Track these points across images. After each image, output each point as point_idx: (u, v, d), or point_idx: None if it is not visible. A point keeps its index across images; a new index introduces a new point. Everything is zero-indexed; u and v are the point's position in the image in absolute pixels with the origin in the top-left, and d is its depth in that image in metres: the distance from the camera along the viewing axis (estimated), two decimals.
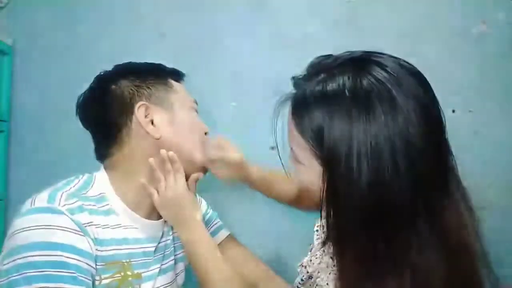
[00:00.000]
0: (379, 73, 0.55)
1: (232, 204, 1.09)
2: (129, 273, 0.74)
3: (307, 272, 0.66)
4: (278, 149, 0.65)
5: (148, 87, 0.81)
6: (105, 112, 0.80)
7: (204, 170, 0.86)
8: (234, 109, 1.09)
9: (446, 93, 1.07)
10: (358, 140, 0.52)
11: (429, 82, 0.58)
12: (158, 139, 0.79)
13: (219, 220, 0.98)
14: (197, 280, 0.79)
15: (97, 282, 0.69)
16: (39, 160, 1.09)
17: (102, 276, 0.70)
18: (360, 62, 0.57)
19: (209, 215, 0.97)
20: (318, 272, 0.63)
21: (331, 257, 0.61)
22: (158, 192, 0.79)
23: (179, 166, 0.80)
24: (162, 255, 0.83)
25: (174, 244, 0.88)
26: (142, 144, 0.79)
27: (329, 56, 0.61)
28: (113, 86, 0.80)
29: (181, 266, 0.90)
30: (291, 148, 0.63)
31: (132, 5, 1.11)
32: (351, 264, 0.55)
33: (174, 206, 0.79)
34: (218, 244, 0.91)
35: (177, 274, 0.88)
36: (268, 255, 1.01)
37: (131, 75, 0.81)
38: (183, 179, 0.81)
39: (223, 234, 0.96)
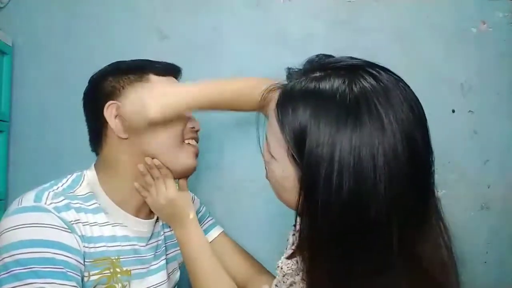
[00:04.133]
0: (371, 84, 0.52)
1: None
2: (118, 269, 0.75)
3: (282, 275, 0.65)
4: (259, 141, 0.63)
5: (123, 86, 0.79)
6: (90, 113, 0.82)
7: (187, 174, 0.84)
8: None
9: (446, 93, 1.08)
10: (341, 149, 0.49)
11: (424, 113, 0.56)
12: (126, 138, 0.78)
13: (212, 217, 0.99)
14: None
15: (85, 279, 0.70)
16: (39, 160, 1.09)
17: (91, 273, 0.71)
18: (357, 69, 0.54)
19: (201, 213, 0.97)
20: (291, 286, 0.62)
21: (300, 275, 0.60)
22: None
23: (166, 171, 0.80)
24: (153, 255, 0.83)
25: (165, 243, 0.88)
26: (117, 145, 0.79)
27: (330, 56, 0.59)
28: (95, 88, 0.81)
29: (174, 265, 0.90)
30: (266, 139, 0.60)
31: (132, 5, 1.11)
32: (320, 278, 0.54)
33: (168, 210, 0.81)
34: (211, 242, 0.93)
35: (169, 273, 0.88)
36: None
37: (110, 75, 0.80)
38: (173, 183, 0.81)
39: (216, 231, 0.96)
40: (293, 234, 0.68)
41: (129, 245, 0.78)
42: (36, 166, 1.08)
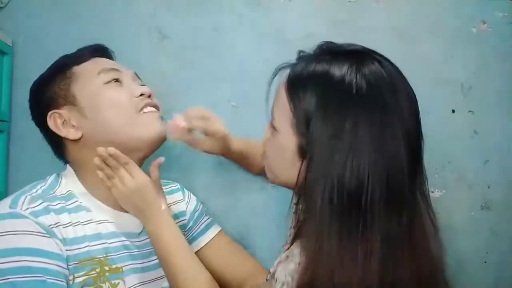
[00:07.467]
0: (378, 69, 0.57)
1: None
2: (106, 268, 0.73)
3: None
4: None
5: (54, 92, 0.80)
6: (45, 133, 0.83)
7: (157, 143, 0.81)
8: (234, 109, 1.09)
9: (446, 93, 1.08)
10: (344, 131, 0.54)
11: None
12: (80, 139, 0.78)
13: (209, 216, 0.97)
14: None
15: (70, 282, 0.68)
16: (39, 160, 1.09)
17: (75, 275, 0.69)
18: (364, 55, 0.59)
19: (198, 212, 0.96)
20: (277, 265, 0.63)
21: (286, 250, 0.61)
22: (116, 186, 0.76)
23: (125, 158, 0.75)
24: (149, 251, 0.81)
25: None
26: (76, 146, 0.79)
27: (338, 43, 0.64)
28: (37, 110, 0.82)
29: None
30: (272, 114, 0.64)
31: (132, 5, 1.11)
32: (320, 240, 0.56)
33: (135, 198, 0.76)
34: (209, 241, 0.92)
35: None
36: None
37: (39, 90, 0.82)
38: (137, 168, 0.77)
39: (214, 230, 0.95)
40: (290, 235, 0.69)
41: (118, 241, 0.77)
42: (36, 166, 1.08)
